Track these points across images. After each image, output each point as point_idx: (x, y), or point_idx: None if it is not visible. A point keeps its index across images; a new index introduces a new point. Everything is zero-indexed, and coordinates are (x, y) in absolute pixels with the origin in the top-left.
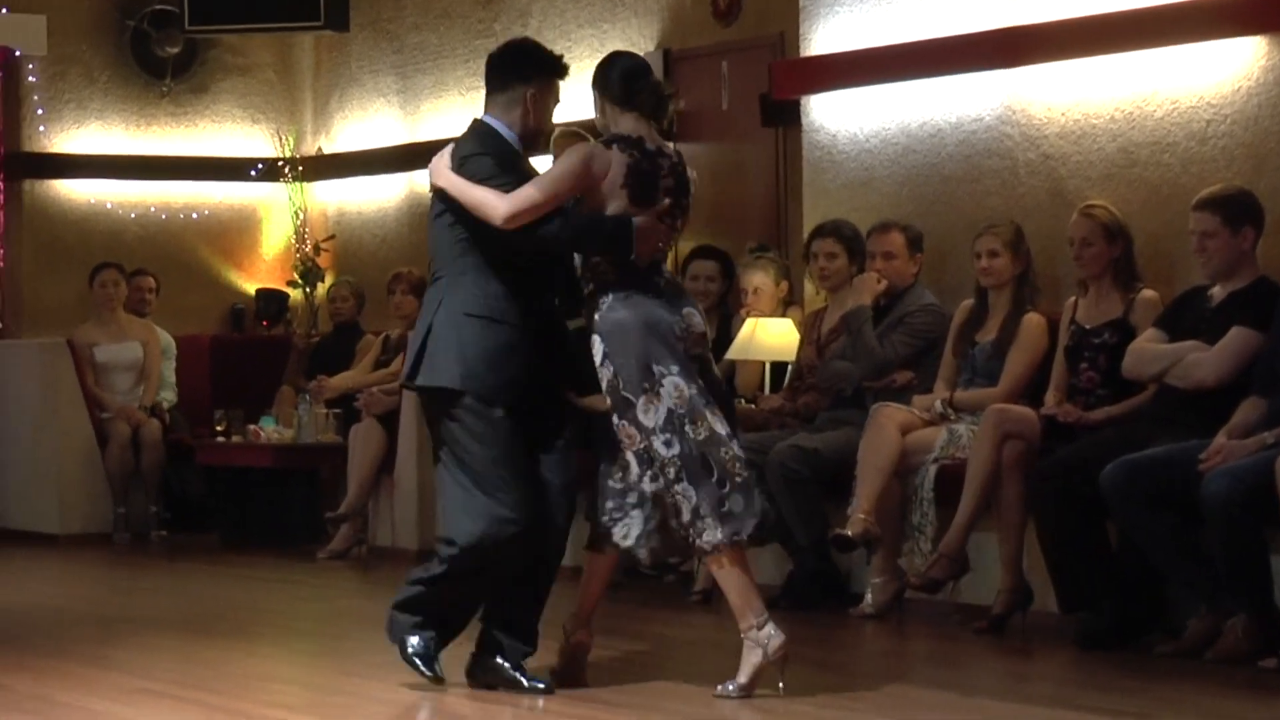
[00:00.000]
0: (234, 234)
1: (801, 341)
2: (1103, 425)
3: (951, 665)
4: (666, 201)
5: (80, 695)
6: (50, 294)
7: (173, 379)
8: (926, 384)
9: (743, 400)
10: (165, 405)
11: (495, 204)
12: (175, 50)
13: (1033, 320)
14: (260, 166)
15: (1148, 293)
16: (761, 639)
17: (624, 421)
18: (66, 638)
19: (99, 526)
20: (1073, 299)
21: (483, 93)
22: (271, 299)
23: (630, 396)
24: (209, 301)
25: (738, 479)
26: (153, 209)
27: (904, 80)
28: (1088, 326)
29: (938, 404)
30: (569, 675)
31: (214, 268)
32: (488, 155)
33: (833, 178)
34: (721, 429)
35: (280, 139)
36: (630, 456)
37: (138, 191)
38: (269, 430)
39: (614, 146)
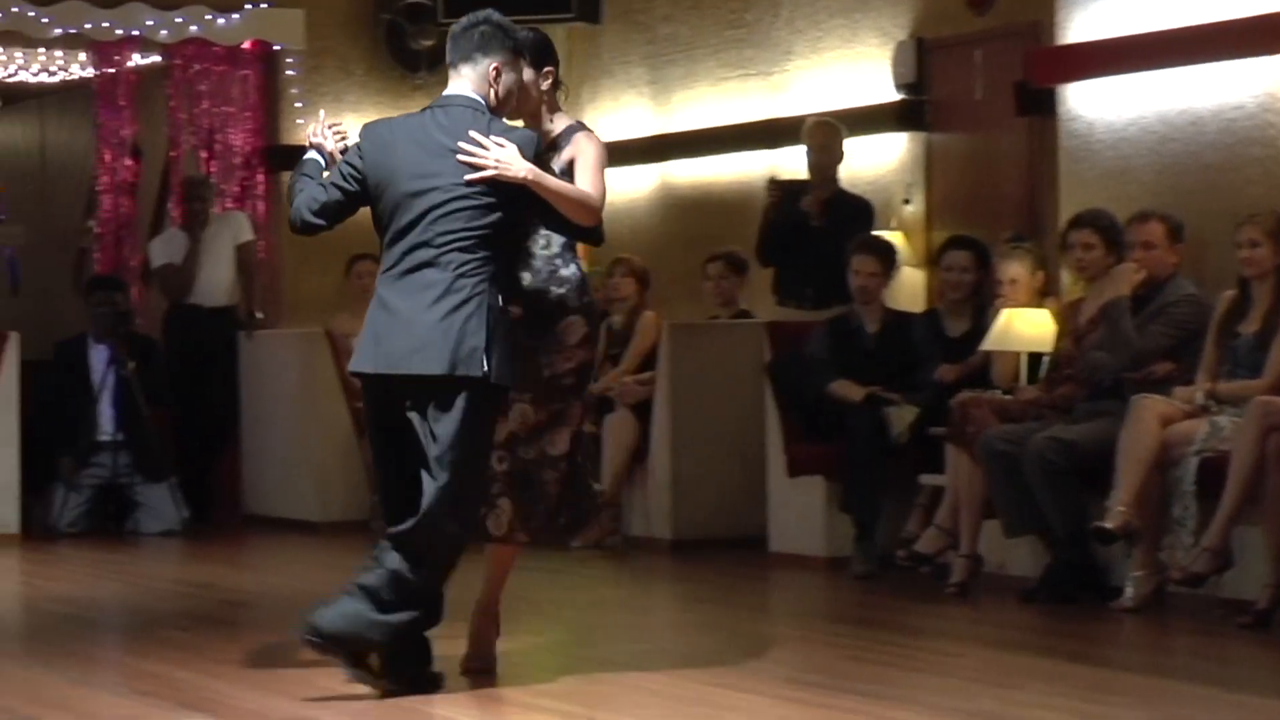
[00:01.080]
0: None
1: (1059, 332)
2: None
3: (1215, 660)
4: None
5: (343, 681)
6: (308, 284)
7: None
8: (1187, 375)
9: (998, 392)
10: None
11: (595, 200)
12: (429, 43)
13: None
14: None
15: None
16: None
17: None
18: None
19: (357, 514)
20: None
21: (734, 83)
22: None
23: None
24: None
25: None
26: None
27: (1163, 68)
28: None
29: (1199, 395)
30: None
31: None
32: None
33: (1090, 167)
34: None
35: None
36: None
37: None
38: None
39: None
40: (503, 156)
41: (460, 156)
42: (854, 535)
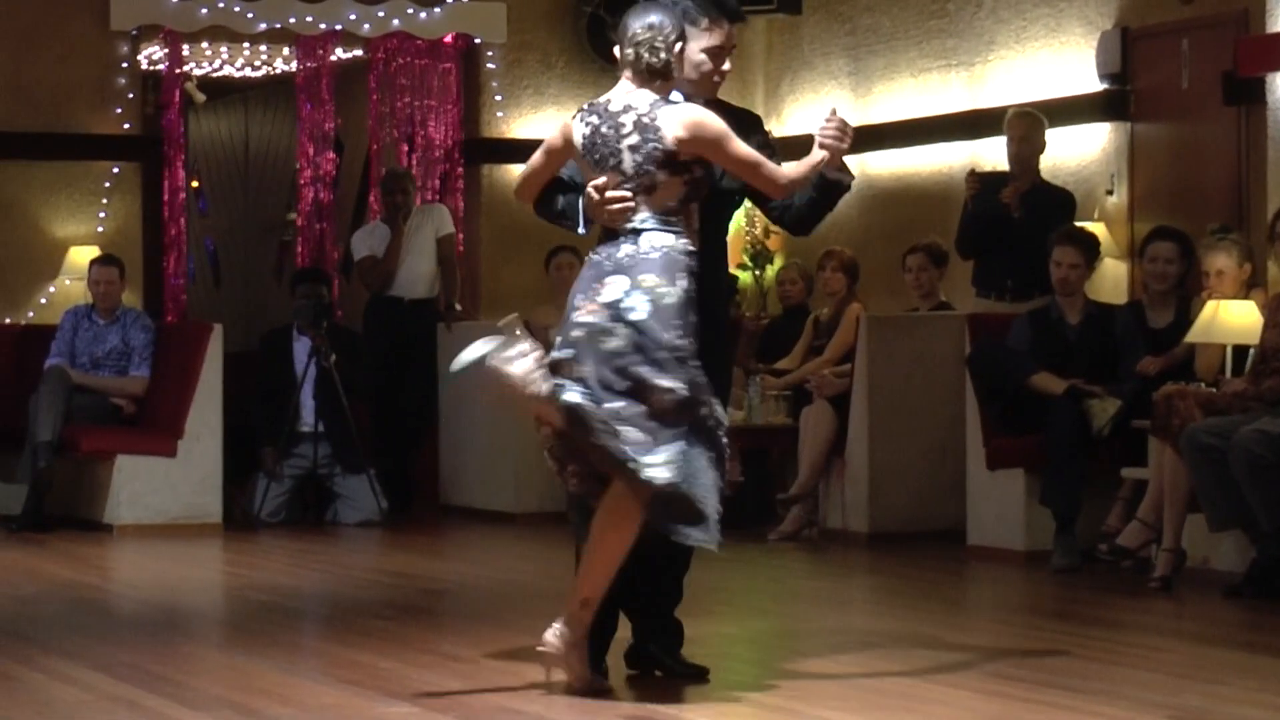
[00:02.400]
0: None
1: (1266, 324)
2: None
3: None
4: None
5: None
6: (507, 277)
7: None
8: None
9: (1203, 384)
10: None
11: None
12: None
13: None
14: None
15: None
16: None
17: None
18: (532, 613)
19: (554, 505)
20: None
21: (935, 73)
22: None
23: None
24: None
25: None
26: None
27: None
28: None
29: None
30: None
31: None
32: None
33: None
34: None
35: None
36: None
37: None
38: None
39: (578, 115)
40: None
41: None
42: (1054, 529)
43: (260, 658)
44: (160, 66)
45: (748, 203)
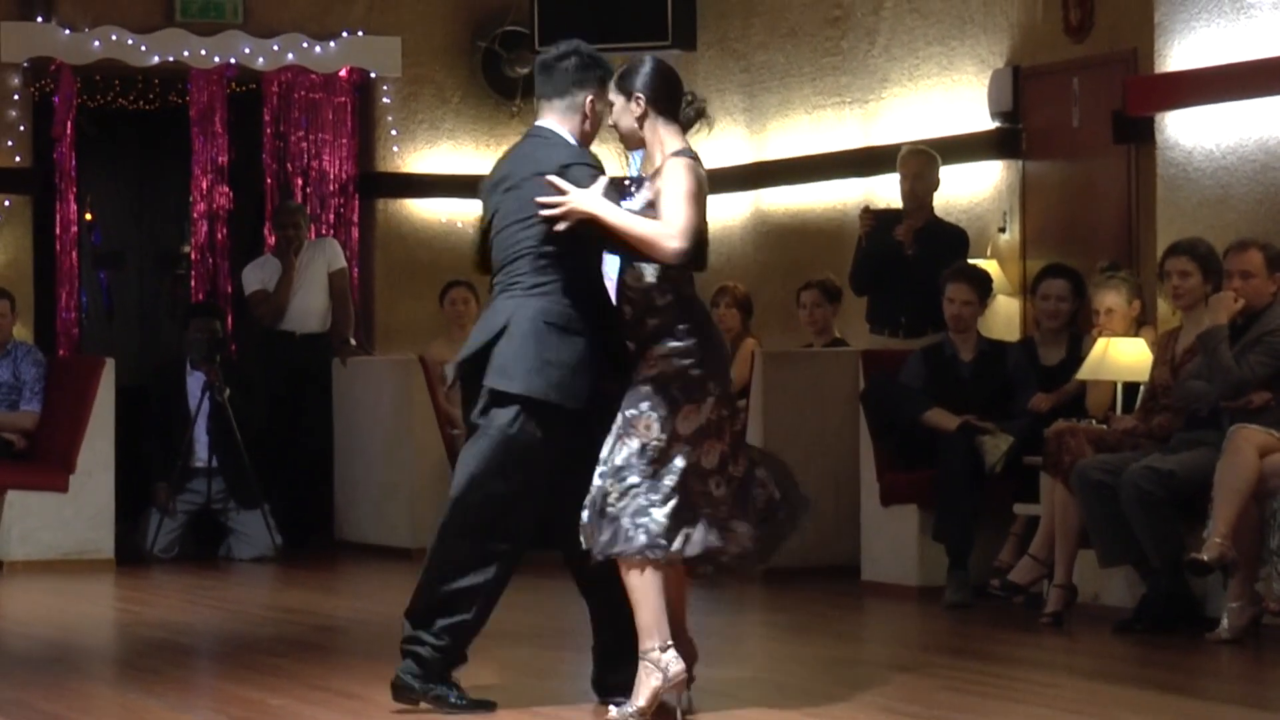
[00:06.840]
0: None
1: (1155, 361)
2: None
3: None
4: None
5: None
6: (403, 311)
7: None
8: None
9: (1093, 421)
10: None
11: (667, 238)
12: (525, 71)
13: None
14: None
15: None
16: (661, 662)
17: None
18: None
19: None
20: None
21: (829, 110)
22: None
23: None
24: None
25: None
26: None
27: (1264, 96)
28: None
29: None
30: None
31: None
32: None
33: (1187, 195)
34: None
35: (627, 157)
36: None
37: None
38: None
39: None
40: (578, 197)
41: (539, 198)
42: (947, 564)
43: (152, 695)
44: (53, 99)
45: None
